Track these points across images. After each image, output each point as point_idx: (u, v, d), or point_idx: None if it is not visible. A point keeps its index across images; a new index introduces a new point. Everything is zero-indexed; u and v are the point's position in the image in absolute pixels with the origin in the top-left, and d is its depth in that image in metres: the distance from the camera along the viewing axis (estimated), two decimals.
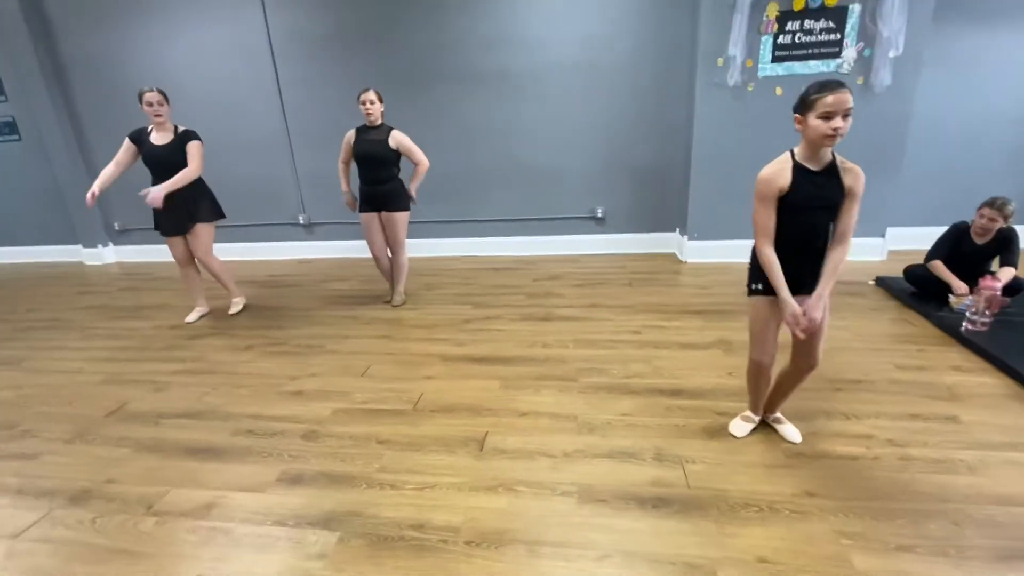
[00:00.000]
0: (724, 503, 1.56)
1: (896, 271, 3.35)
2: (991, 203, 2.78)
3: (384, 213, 3.29)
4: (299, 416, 2.18)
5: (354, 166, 3.29)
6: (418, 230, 4.53)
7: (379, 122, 3.18)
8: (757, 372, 1.80)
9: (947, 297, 2.92)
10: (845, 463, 1.71)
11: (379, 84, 4.28)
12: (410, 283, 3.77)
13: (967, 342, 2.50)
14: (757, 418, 1.94)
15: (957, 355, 2.43)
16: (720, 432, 1.91)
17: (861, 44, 3.46)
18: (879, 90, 3.49)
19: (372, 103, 3.08)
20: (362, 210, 3.34)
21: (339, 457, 1.89)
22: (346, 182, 3.37)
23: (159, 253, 5.19)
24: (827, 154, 1.49)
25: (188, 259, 3.32)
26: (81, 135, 4.79)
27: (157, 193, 2.92)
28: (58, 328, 3.43)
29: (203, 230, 3.21)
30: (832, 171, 1.49)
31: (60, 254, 5.37)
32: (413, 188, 3.32)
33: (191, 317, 3.43)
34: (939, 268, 2.97)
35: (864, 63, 3.50)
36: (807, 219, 1.54)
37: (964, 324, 2.61)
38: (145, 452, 2.00)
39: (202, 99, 4.49)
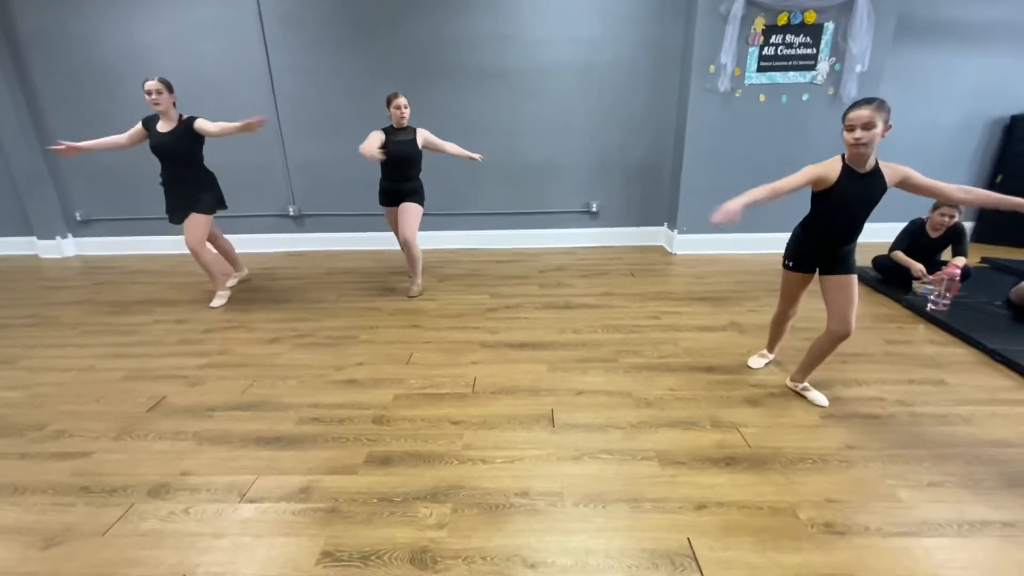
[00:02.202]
0: (784, 458, 1.80)
1: (863, 261, 3.80)
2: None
3: (402, 204, 3.35)
4: (361, 403, 2.22)
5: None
6: None
7: (406, 124, 3.25)
8: (782, 318, 2.32)
9: (909, 283, 3.38)
10: (869, 420, 2.01)
11: (378, 76, 4.31)
12: None
13: (934, 320, 2.93)
14: (770, 355, 2.47)
15: (928, 331, 2.84)
16: (760, 401, 2.16)
17: (833, 59, 3.88)
18: (847, 101, 3.92)
19: (406, 107, 3.19)
20: (383, 204, 3.48)
21: (419, 438, 1.96)
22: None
23: (126, 246, 4.87)
24: (871, 160, 1.76)
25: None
26: (40, 119, 4.38)
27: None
28: (43, 326, 3.18)
29: (197, 220, 3.25)
30: (876, 172, 1.77)
31: (11, 247, 4.89)
32: (471, 154, 3.42)
33: (216, 302, 3.42)
34: (900, 256, 3.42)
35: (835, 76, 3.92)
36: (849, 211, 1.83)
37: (928, 305, 3.05)
38: (209, 444, 1.98)
39: (184, 83, 4.22)
